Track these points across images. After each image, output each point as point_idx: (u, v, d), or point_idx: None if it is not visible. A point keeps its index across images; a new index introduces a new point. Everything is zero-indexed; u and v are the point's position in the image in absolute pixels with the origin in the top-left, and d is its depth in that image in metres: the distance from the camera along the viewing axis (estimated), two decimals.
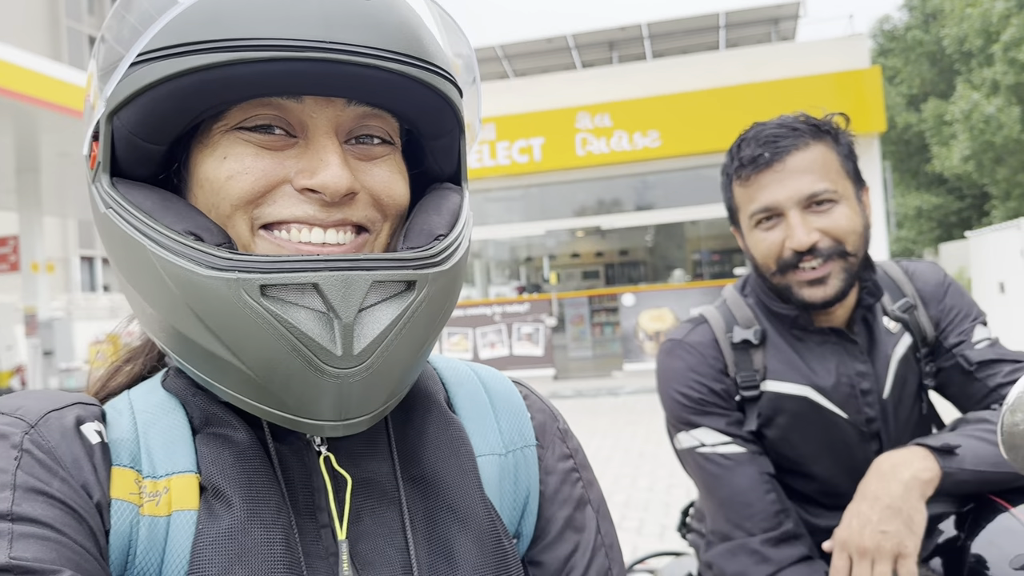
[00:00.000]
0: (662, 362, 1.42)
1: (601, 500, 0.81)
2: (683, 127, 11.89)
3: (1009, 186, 20.49)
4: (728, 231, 7.54)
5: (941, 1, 23.52)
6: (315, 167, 0.64)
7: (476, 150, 12.56)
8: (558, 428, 0.82)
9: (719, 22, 17.04)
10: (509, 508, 0.75)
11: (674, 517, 5.19)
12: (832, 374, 1.33)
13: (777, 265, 1.29)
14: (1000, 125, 19.13)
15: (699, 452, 1.34)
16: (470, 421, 0.77)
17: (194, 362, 0.63)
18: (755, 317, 1.39)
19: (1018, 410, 0.96)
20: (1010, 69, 19.45)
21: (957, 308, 1.41)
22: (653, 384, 9.50)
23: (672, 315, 12.05)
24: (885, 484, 1.18)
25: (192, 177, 0.66)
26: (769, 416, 1.33)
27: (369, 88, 0.63)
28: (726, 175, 1.39)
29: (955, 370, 1.37)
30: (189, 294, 0.59)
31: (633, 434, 8.15)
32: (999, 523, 1.16)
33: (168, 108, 0.61)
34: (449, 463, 0.71)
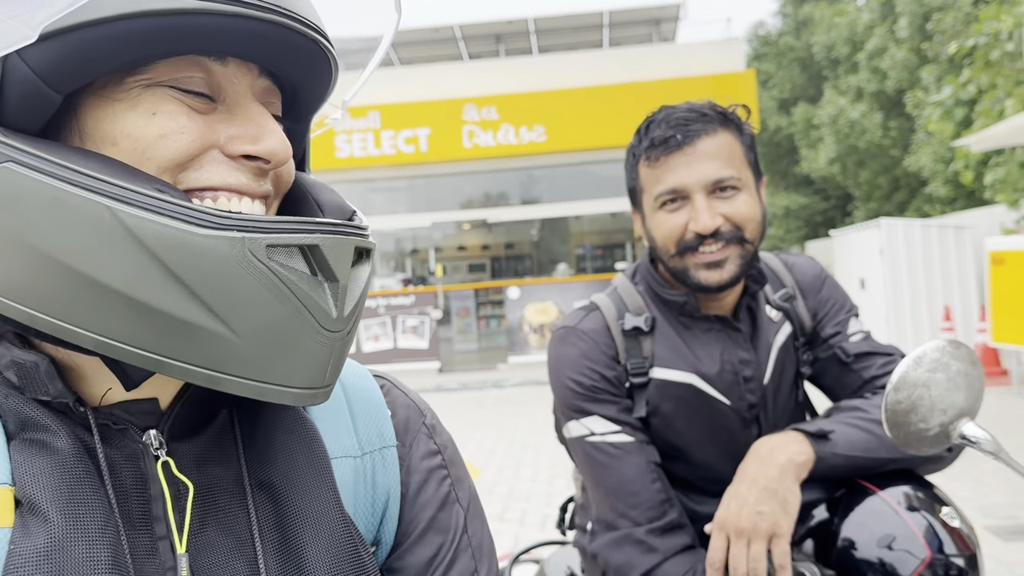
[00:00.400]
0: (555, 349, 1.41)
1: (471, 497, 0.78)
2: (568, 123, 12.08)
3: (870, 188, 21.76)
4: (610, 226, 7.73)
5: (812, 10, 24.73)
6: (256, 134, 0.61)
7: (361, 138, 12.40)
8: (424, 424, 0.78)
9: (603, 21, 17.36)
10: (366, 514, 0.71)
11: (555, 507, 5.26)
12: (716, 361, 1.36)
13: (677, 247, 1.31)
14: (863, 130, 20.26)
15: (588, 441, 1.34)
16: (323, 421, 0.71)
17: (145, 337, 0.54)
18: (645, 304, 1.40)
19: (901, 389, 1.03)
20: (873, 77, 20.67)
21: (833, 300, 1.47)
22: (538, 376, 9.67)
23: (556, 308, 12.23)
24: (763, 467, 1.22)
25: (96, 133, 0.57)
26: (656, 403, 1.35)
27: (291, 58, 0.61)
28: (632, 155, 1.38)
29: (832, 361, 1.43)
30: (175, 258, 0.52)
31: (517, 425, 8.23)
32: (868, 506, 1.22)
33: (101, 51, 0.53)
34: (301, 467, 0.66)
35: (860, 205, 22.36)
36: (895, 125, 20.46)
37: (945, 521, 1.19)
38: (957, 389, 1.05)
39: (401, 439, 0.75)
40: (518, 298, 12.32)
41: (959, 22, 13.90)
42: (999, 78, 10.98)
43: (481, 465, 6.57)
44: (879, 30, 20.49)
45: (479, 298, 13.21)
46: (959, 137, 12.03)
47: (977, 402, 1.07)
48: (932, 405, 1.04)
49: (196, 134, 0.59)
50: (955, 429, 1.06)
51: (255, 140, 0.61)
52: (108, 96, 0.57)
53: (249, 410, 0.68)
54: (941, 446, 1.07)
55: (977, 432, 1.05)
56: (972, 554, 1.18)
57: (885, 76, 20.21)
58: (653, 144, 1.31)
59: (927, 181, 18.19)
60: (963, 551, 1.17)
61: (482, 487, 5.86)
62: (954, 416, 1.06)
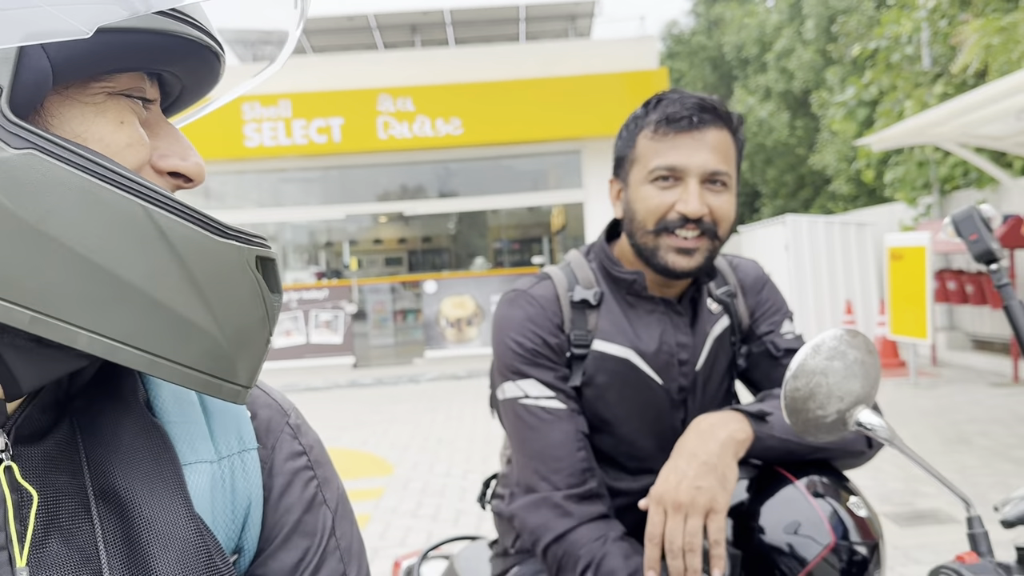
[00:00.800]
0: (502, 310, 1.44)
1: (340, 498, 0.76)
2: (485, 116, 12.07)
3: (777, 185, 22.50)
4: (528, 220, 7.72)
5: (723, 10, 25.38)
6: (183, 151, 0.64)
7: (271, 127, 12.09)
8: (288, 424, 0.76)
9: (519, 15, 17.42)
10: (226, 521, 0.68)
11: (469, 502, 5.26)
12: (655, 341, 1.40)
13: (656, 224, 1.34)
14: (771, 129, 20.95)
15: (521, 403, 1.36)
16: (176, 426, 0.68)
17: (145, 336, 0.56)
18: (595, 280, 1.44)
19: (800, 376, 1.05)
20: (781, 77, 21.36)
21: (771, 302, 1.53)
22: (455, 371, 9.68)
23: (474, 302, 12.23)
24: (703, 442, 1.24)
25: (62, 130, 0.57)
26: (592, 374, 1.38)
27: (202, 68, 0.65)
28: (634, 124, 1.40)
29: (763, 355, 1.49)
30: (195, 260, 0.57)
31: (432, 421, 8.21)
32: (781, 492, 1.26)
33: (109, 56, 0.56)
34: (148, 475, 0.63)
35: (767, 202, 23.09)
36: (801, 124, 21.19)
37: (851, 510, 1.22)
38: (854, 377, 1.07)
39: (263, 441, 0.73)
40: (435, 292, 12.27)
41: (862, 25, 14.50)
42: (899, 80, 11.49)
43: (395, 461, 6.52)
44: (787, 31, 21.19)
45: (396, 292, 13.08)
46: (861, 137, 12.52)
47: (873, 390, 1.09)
48: (829, 392, 1.06)
49: (147, 148, 0.62)
50: (852, 416, 1.08)
51: (183, 157, 0.64)
52: (73, 97, 0.58)
53: (93, 416, 0.65)
54: (838, 433, 1.10)
55: (873, 419, 1.08)
56: (875, 543, 1.22)
57: (792, 76, 20.90)
58: (668, 119, 1.33)
59: (831, 179, 18.88)
60: (867, 539, 1.20)
61: (396, 483, 5.82)
62: (851, 403, 1.08)
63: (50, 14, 0.51)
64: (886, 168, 12.39)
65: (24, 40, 0.50)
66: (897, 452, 1.07)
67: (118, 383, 0.68)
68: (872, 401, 1.10)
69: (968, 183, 10.51)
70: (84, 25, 0.51)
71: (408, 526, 4.87)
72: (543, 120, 11.96)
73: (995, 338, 9.85)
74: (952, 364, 9.99)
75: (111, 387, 0.67)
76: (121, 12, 0.52)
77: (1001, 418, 6.72)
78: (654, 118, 1.36)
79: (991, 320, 9.87)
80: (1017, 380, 8.35)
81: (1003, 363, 8.96)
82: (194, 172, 0.64)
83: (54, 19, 0.50)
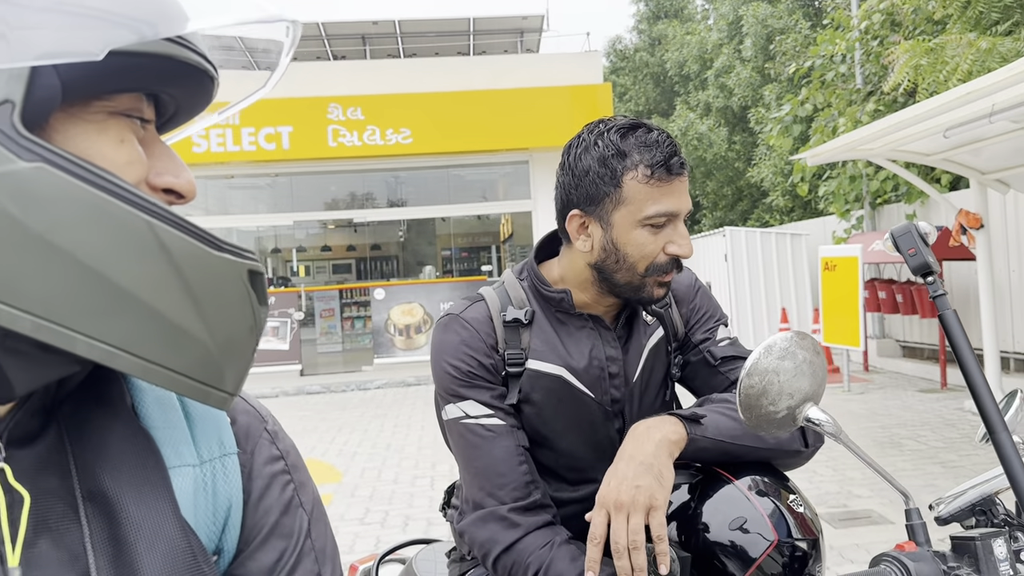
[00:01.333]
0: (438, 335, 1.47)
1: (315, 502, 0.79)
2: (434, 126, 12.11)
3: (716, 198, 22.92)
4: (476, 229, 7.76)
5: (665, 28, 25.84)
6: (176, 168, 0.66)
7: (219, 134, 11.95)
8: (266, 430, 0.78)
9: (469, 27, 17.51)
10: (207, 523, 0.70)
11: (418, 508, 5.30)
12: (585, 357, 1.44)
13: (647, 268, 1.36)
14: (711, 143, 21.34)
15: (462, 422, 1.40)
16: (160, 431, 0.70)
17: (142, 343, 0.57)
18: (527, 299, 1.47)
19: (753, 374, 1.11)
20: (720, 94, 21.81)
21: (704, 309, 1.57)
22: (403, 377, 9.65)
23: (422, 310, 12.23)
24: (639, 444, 1.29)
25: (65, 147, 0.59)
26: (528, 392, 1.42)
27: (200, 89, 0.67)
28: (617, 164, 1.33)
29: (701, 364, 1.53)
30: (193, 272, 0.59)
31: (381, 427, 8.19)
32: (722, 492, 1.29)
33: (116, 77, 0.59)
34: (136, 477, 0.65)
35: (707, 213, 23.48)
36: (739, 139, 21.68)
37: (791, 507, 1.26)
38: (803, 376, 1.13)
39: (242, 446, 0.75)
40: (384, 299, 12.24)
41: (798, 44, 14.93)
42: (833, 98, 11.85)
43: (343, 468, 6.49)
44: (726, 49, 21.66)
45: (344, 299, 13.01)
46: (797, 152, 12.87)
47: (820, 388, 1.16)
48: (781, 390, 1.12)
49: (144, 166, 0.64)
50: (801, 412, 1.15)
51: (177, 175, 0.66)
52: (76, 115, 0.59)
53: (81, 420, 0.67)
54: (788, 428, 1.16)
55: (820, 415, 1.15)
56: (815, 538, 1.25)
57: (731, 93, 21.33)
58: (666, 166, 1.31)
59: (768, 192, 19.28)
60: (807, 535, 1.24)
61: (344, 490, 5.81)
62: (800, 400, 1.14)
63: (63, 36, 0.53)
64: (820, 182, 12.72)
65: (38, 60, 0.52)
66: (841, 449, 1.16)
67: (106, 388, 0.69)
68: (819, 398, 1.16)
69: (898, 197, 10.90)
70: (95, 48, 0.53)
71: (356, 532, 4.88)
72: (492, 131, 12.07)
73: (924, 345, 10.24)
74: (883, 370, 10.34)
75: (98, 392, 0.69)
76: (131, 37, 0.56)
77: (930, 422, 7.00)
78: (647, 161, 1.32)
79: (920, 328, 10.26)
80: (945, 386, 8.68)
81: (931, 369, 9.32)
82: (186, 189, 0.66)
83: (67, 41, 0.53)
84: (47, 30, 0.52)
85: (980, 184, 7.13)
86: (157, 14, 0.58)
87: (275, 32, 0.68)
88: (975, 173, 7.00)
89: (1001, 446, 1.11)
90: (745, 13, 20.07)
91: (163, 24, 0.57)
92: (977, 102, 5.08)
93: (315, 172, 12.92)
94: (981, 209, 7.12)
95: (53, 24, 0.53)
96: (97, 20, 0.55)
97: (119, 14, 0.56)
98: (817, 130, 11.92)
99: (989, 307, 7.08)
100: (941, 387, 8.70)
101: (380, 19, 17.05)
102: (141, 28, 0.56)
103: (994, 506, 1.28)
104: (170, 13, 0.59)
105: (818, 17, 18.65)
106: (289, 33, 0.68)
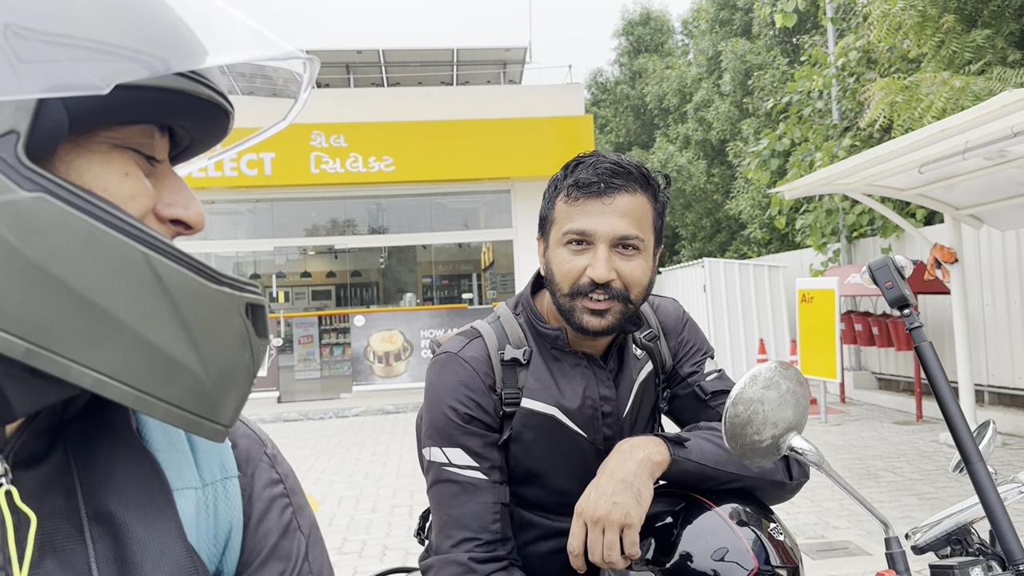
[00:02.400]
0: (435, 374, 1.44)
1: (312, 525, 0.80)
2: (417, 155, 12.16)
3: (696, 229, 23.07)
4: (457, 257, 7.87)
5: (645, 61, 26.18)
6: (186, 200, 0.67)
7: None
8: (265, 454, 0.80)
9: (453, 58, 17.67)
10: (209, 545, 0.71)
11: (396, 537, 5.25)
12: (579, 397, 1.43)
13: (571, 288, 1.36)
14: (690, 175, 21.53)
15: (445, 469, 1.39)
16: (164, 453, 0.71)
17: (134, 373, 0.57)
18: (524, 336, 1.46)
19: (738, 403, 1.13)
20: (699, 127, 22.05)
21: (692, 342, 1.57)
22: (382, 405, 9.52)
23: (402, 337, 12.19)
24: (621, 462, 1.31)
25: (69, 176, 0.59)
26: (520, 430, 1.41)
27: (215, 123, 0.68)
28: (554, 187, 1.42)
29: (691, 398, 1.53)
30: (187, 304, 0.59)
31: (359, 456, 8.12)
32: (705, 520, 1.29)
33: (122, 110, 0.59)
34: (142, 499, 0.67)
35: (686, 244, 23.61)
36: (718, 172, 21.88)
37: (772, 535, 1.26)
38: (787, 405, 1.14)
39: (243, 469, 0.76)
40: (364, 326, 12.19)
41: (776, 80, 15.18)
42: (810, 133, 12.04)
43: (321, 496, 6.43)
44: (705, 84, 21.95)
45: (323, 326, 12.94)
46: (774, 185, 13.02)
47: (803, 418, 1.17)
48: (765, 419, 1.13)
49: (150, 198, 0.64)
50: (785, 441, 1.16)
51: (186, 207, 0.66)
52: (82, 145, 0.60)
53: (86, 442, 0.68)
54: (772, 457, 1.17)
55: (803, 444, 1.15)
56: (795, 566, 1.26)
57: (710, 127, 21.56)
58: (577, 184, 1.35)
59: (745, 224, 19.43)
60: (787, 563, 1.24)
61: (321, 519, 5.74)
62: (784, 429, 1.15)
63: (71, 69, 0.53)
64: (797, 215, 12.87)
65: (44, 92, 0.53)
66: (820, 480, 1.19)
67: (111, 410, 0.70)
68: (803, 428, 1.17)
69: (874, 231, 11.05)
70: (102, 82, 0.54)
71: (334, 562, 4.76)
72: (474, 160, 12.14)
73: (900, 378, 10.33)
74: (859, 402, 10.42)
75: (104, 414, 0.69)
76: (142, 72, 0.56)
77: (906, 454, 7.05)
78: (568, 182, 1.37)
79: (896, 361, 10.36)
80: (921, 418, 8.74)
81: (907, 402, 9.40)
82: (195, 220, 0.67)
83: (74, 74, 0.53)
84: (55, 63, 0.53)
85: (954, 219, 7.25)
86: (170, 49, 0.58)
87: (292, 65, 0.69)
88: (949, 208, 7.11)
89: (977, 476, 1.13)
90: (724, 49, 20.39)
91: (175, 59, 0.58)
92: (951, 139, 5.18)
93: (297, 198, 12.91)
94: (955, 244, 7.23)
95: (61, 56, 0.53)
96: (107, 54, 0.55)
97: (131, 48, 0.56)
98: (794, 164, 12.07)
99: (963, 340, 7.16)
100: (917, 419, 8.76)
101: (364, 48, 17.18)
102: (153, 63, 0.57)
103: (969, 535, 1.30)
104: (183, 48, 0.59)
105: (795, 54, 18.98)
106: (307, 68, 0.69)
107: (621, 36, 28.12)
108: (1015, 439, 7.49)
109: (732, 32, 21.64)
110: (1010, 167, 5.64)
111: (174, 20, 0.61)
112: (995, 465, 6.23)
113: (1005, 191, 6.34)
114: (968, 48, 8.67)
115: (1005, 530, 1.10)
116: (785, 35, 19.35)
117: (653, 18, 27.49)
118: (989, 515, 1.11)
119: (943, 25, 8.72)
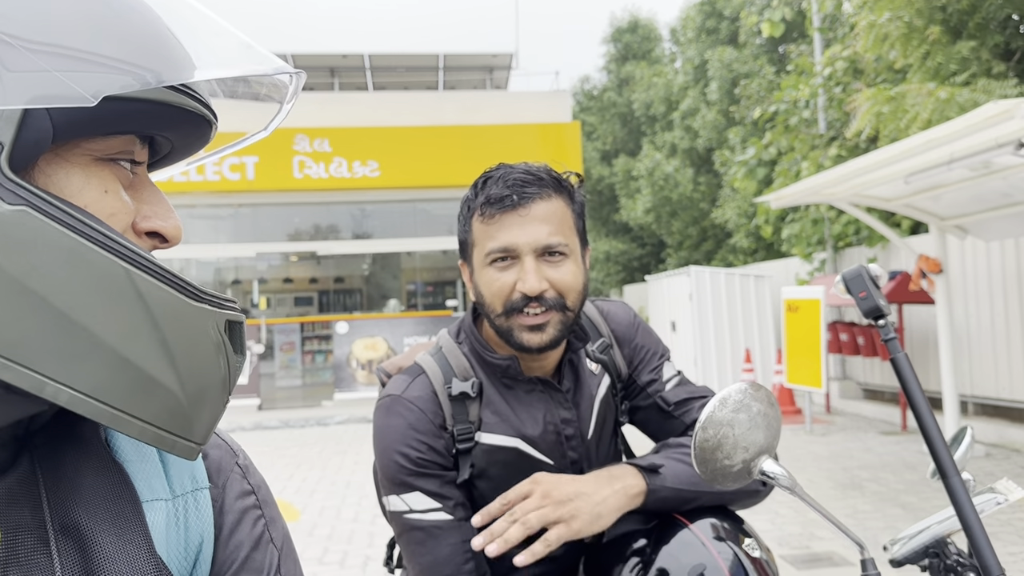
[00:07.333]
0: (381, 420, 1.38)
1: (285, 538, 0.78)
2: (402, 160, 12.14)
3: (682, 237, 23.18)
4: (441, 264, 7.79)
5: (633, 69, 26.29)
6: (164, 213, 0.66)
7: None
8: (237, 464, 0.78)
9: (439, 63, 17.65)
10: (179, 558, 0.70)
11: (378, 547, 5.19)
12: (540, 423, 1.38)
13: (504, 307, 1.31)
14: (676, 183, 21.64)
15: (407, 517, 1.33)
16: (133, 464, 0.70)
17: (110, 391, 0.56)
18: (471, 366, 1.40)
19: (708, 427, 1.10)
20: (686, 135, 22.17)
21: (646, 347, 1.51)
22: (364, 413, 9.48)
23: (386, 344, 12.12)
24: (598, 485, 1.29)
25: (49, 188, 0.58)
26: (483, 467, 1.36)
27: (198, 133, 0.68)
28: (467, 208, 1.38)
29: (653, 409, 1.48)
30: (167, 322, 0.58)
31: (341, 464, 8.05)
32: (680, 538, 1.28)
33: (107, 121, 0.58)
34: (110, 511, 0.65)
35: (672, 252, 23.72)
36: (704, 180, 21.99)
37: (748, 552, 1.25)
38: (757, 428, 1.12)
39: (214, 480, 0.75)
40: (347, 333, 12.10)
41: (763, 89, 15.24)
42: (796, 142, 12.09)
43: (302, 506, 6.35)
44: (692, 92, 22.06)
45: (305, 332, 12.83)
46: (760, 194, 13.06)
47: (775, 440, 1.14)
48: (736, 443, 1.11)
49: (128, 214, 0.63)
50: (756, 465, 1.13)
51: (164, 219, 0.66)
52: (62, 156, 0.59)
53: (53, 453, 0.66)
54: (743, 481, 1.14)
55: (775, 468, 1.13)
56: None
57: (697, 135, 21.70)
58: (489, 201, 1.31)
59: (732, 233, 19.55)
60: None
61: (302, 529, 5.67)
62: (755, 453, 1.13)
63: (57, 80, 0.52)
64: (783, 224, 12.92)
65: (29, 103, 0.52)
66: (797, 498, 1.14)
67: (79, 421, 0.68)
68: (774, 451, 1.14)
69: (859, 240, 11.09)
70: (89, 93, 0.53)
71: (315, 572, 4.77)
72: (460, 166, 12.10)
73: (885, 388, 10.35)
74: (845, 412, 10.42)
75: (72, 425, 0.68)
76: (133, 84, 0.55)
77: (891, 464, 7.04)
78: (480, 200, 1.33)
79: (881, 371, 10.37)
80: (906, 428, 8.75)
81: (892, 412, 9.41)
82: (172, 233, 0.66)
83: (61, 85, 0.52)
84: (42, 73, 0.52)
85: (939, 230, 7.27)
86: (161, 62, 0.58)
87: (280, 77, 0.70)
88: (935, 219, 7.13)
89: (953, 490, 1.12)
90: (711, 57, 20.48)
91: (167, 72, 0.58)
92: (937, 149, 5.19)
93: (279, 203, 12.83)
94: (940, 254, 7.25)
95: (49, 67, 0.52)
96: (96, 65, 0.54)
97: (121, 60, 0.56)
98: (780, 173, 12.12)
99: (948, 351, 7.17)
100: (902, 429, 8.77)
101: (349, 52, 17.14)
102: (144, 76, 0.56)
103: (946, 547, 1.28)
104: (174, 61, 0.59)
105: (782, 63, 19.09)
106: (292, 81, 0.70)
107: (609, 43, 28.23)
108: (998, 449, 7.49)
109: (719, 40, 21.74)
110: (995, 178, 5.65)
111: (163, 32, 0.61)
112: (978, 476, 6.22)
113: (990, 202, 6.36)
114: (953, 59, 8.72)
115: (982, 545, 1.08)
116: (772, 44, 19.45)
117: (641, 25, 27.62)
118: (966, 529, 1.10)
119: (929, 36, 8.77)
